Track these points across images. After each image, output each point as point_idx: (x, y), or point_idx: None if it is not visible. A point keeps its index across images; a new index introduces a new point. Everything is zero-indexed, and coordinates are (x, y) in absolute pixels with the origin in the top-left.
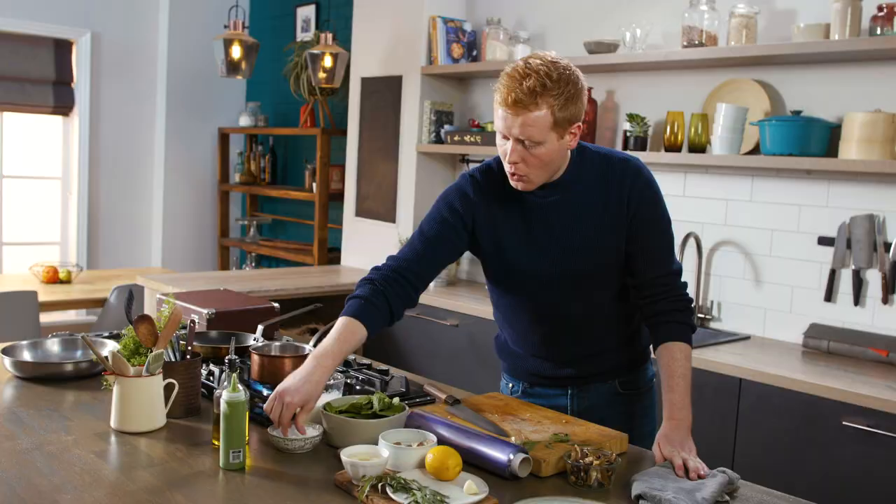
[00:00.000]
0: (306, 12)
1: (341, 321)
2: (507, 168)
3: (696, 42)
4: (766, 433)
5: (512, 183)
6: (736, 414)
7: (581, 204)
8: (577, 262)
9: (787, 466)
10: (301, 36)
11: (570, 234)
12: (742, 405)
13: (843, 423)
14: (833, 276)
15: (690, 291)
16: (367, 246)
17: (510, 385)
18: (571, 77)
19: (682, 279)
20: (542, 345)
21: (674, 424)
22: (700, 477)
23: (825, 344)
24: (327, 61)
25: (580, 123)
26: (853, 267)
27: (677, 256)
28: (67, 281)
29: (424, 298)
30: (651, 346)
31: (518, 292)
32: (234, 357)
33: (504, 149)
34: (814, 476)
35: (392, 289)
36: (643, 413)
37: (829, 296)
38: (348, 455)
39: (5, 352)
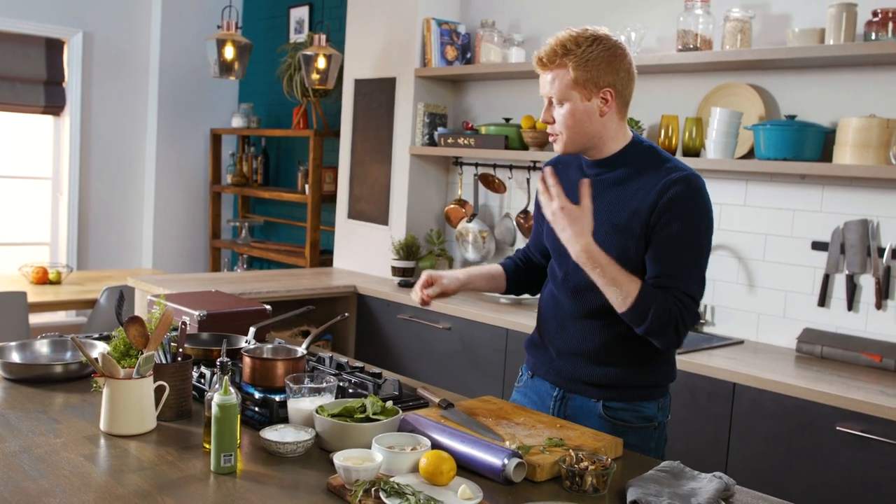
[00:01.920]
0: (300, 13)
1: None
2: (547, 129)
3: (691, 46)
4: (759, 438)
5: (552, 144)
6: (729, 419)
7: (618, 188)
8: (597, 242)
9: (781, 471)
10: (294, 37)
11: (602, 215)
12: (736, 410)
13: (837, 428)
14: (827, 280)
15: None
16: (360, 248)
17: (521, 372)
18: (599, 41)
19: (697, 310)
20: (545, 323)
21: (592, 243)
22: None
23: (819, 349)
24: (321, 63)
25: (612, 90)
26: (847, 272)
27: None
28: (57, 282)
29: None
30: (660, 387)
31: (551, 267)
32: (225, 359)
33: (543, 111)
34: (807, 481)
35: (524, 260)
36: (640, 448)
37: (823, 301)
38: (341, 459)
39: None
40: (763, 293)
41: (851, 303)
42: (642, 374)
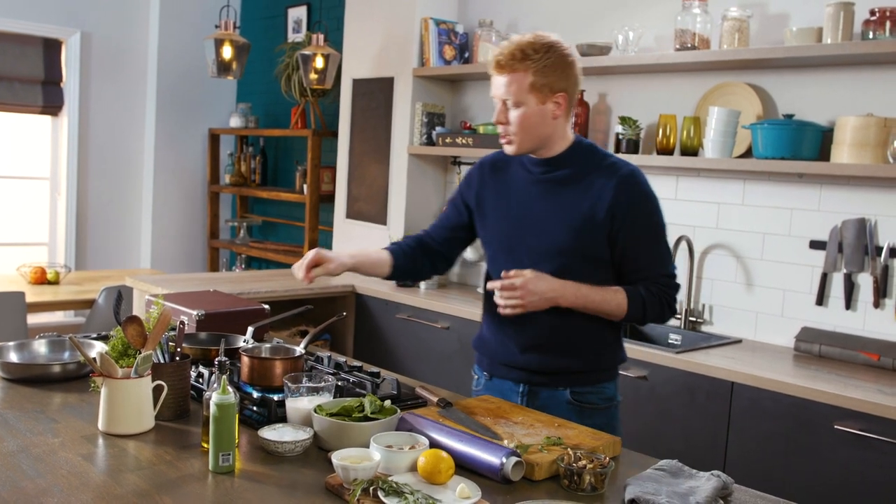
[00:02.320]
0: (298, 13)
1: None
2: (499, 130)
3: (689, 45)
4: (757, 437)
5: (503, 145)
6: (728, 417)
7: (567, 188)
8: (549, 240)
9: (779, 470)
10: (292, 37)
11: (549, 212)
12: (734, 409)
13: (835, 426)
14: (825, 279)
15: (682, 295)
16: (358, 247)
17: (476, 377)
18: (556, 50)
19: (676, 282)
20: (503, 323)
21: (555, 281)
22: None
23: (817, 348)
24: (318, 62)
25: (565, 94)
26: (845, 271)
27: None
28: (55, 282)
29: (415, 301)
30: (616, 368)
31: (494, 262)
32: (223, 359)
33: (496, 112)
34: (805, 480)
35: (418, 247)
36: (605, 429)
37: (821, 299)
38: (339, 458)
39: None
40: (761, 292)
41: (849, 302)
42: (604, 358)
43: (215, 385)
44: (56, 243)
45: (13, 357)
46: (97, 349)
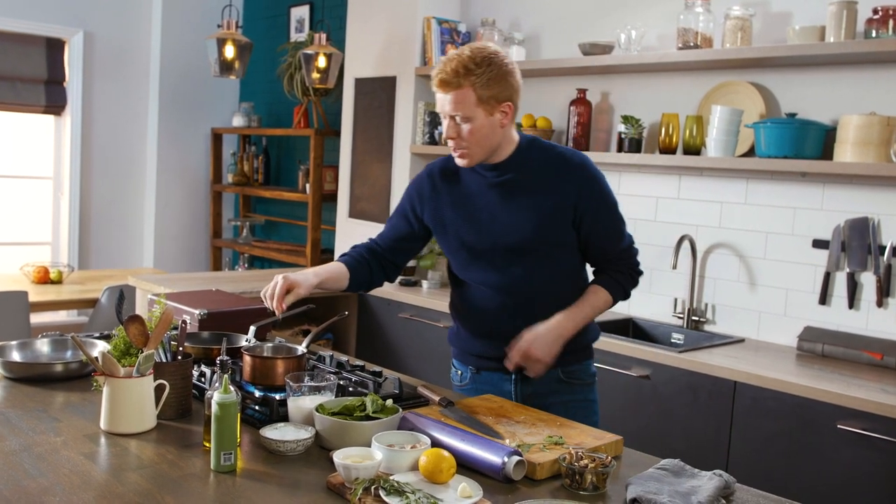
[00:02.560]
0: (300, 12)
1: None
2: (450, 145)
3: (692, 44)
4: (760, 436)
5: (455, 159)
6: (730, 417)
7: (527, 185)
8: (521, 238)
9: (782, 470)
10: (295, 36)
11: (516, 211)
12: (736, 408)
13: (838, 426)
14: (828, 278)
15: (685, 295)
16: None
17: (459, 372)
18: (495, 61)
19: (636, 247)
20: (489, 321)
21: (550, 323)
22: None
23: (820, 347)
24: (321, 62)
25: (510, 103)
26: (848, 270)
27: (672, 258)
28: (58, 281)
29: (417, 300)
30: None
31: (468, 270)
32: (225, 358)
33: (444, 127)
34: (808, 479)
35: (371, 258)
36: (587, 405)
37: (824, 299)
38: (341, 457)
39: None
40: (764, 291)
41: (852, 301)
42: (586, 334)
43: (217, 384)
44: (59, 243)
45: (16, 356)
46: (99, 348)
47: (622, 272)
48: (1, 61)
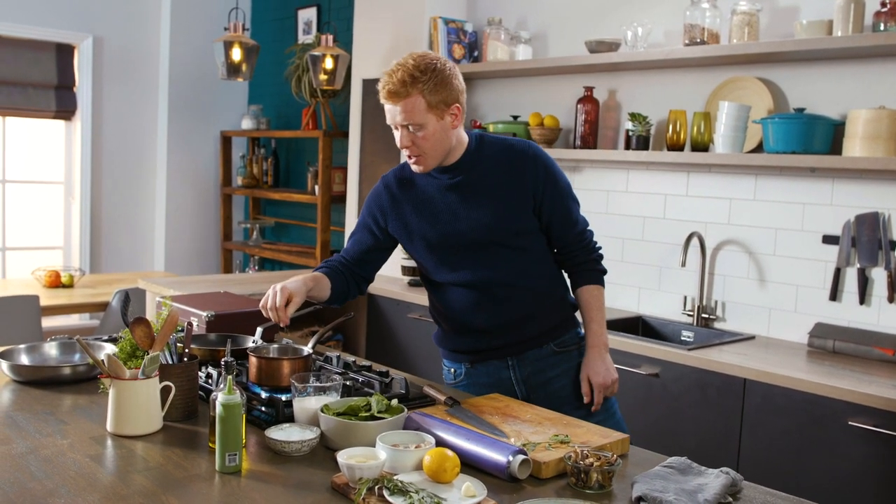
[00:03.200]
0: (308, 14)
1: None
2: (404, 154)
3: (698, 40)
4: (770, 434)
5: (411, 166)
6: (741, 414)
7: (484, 182)
8: (487, 232)
9: (793, 467)
10: (302, 38)
11: (477, 209)
12: (747, 405)
13: (849, 423)
14: (838, 274)
15: (694, 292)
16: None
17: (452, 370)
18: (438, 66)
19: (590, 229)
20: (474, 318)
21: (595, 353)
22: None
23: (830, 343)
24: (328, 63)
25: (458, 105)
26: (858, 265)
27: (681, 255)
28: (69, 285)
29: (425, 300)
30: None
31: (438, 271)
32: (229, 359)
33: (397, 138)
34: (819, 477)
35: (346, 270)
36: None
37: (835, 295)
38: (345, 457)
39: (2, 356)
40: (774, 288)
41: (863, 297)
42: (565, 306)
43: (221, 385)
44: (71, 247)
45: (24, 360)
46: (107, 351)
47: (594, 258)
48: (12, 67)
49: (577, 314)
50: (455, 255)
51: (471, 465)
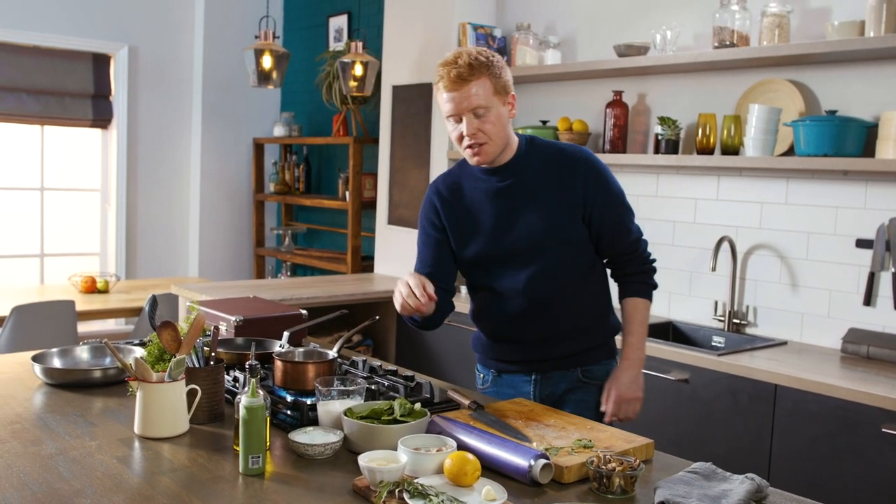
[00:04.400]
0: (338, 22)
1: None
2: (465, 144)
3: (728, 43)
4: (802, 441)
5: (470, 159)
6: (771, 421)
7: (535, 186)
8: (535, 240)
9: (825, 475)
10: (333, 45)
11: (526, 215)
12: (778, 412)
13: (883, 430)
14: (872, 279)
15: (726, 297)
16: (400, 254)
17: (482, 375)
18: (493, 55)
19: (644, 239)
20: (510, 325)
21: (627, 364)
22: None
23: (864, 349)
24: (357, 70)
25: (514, 95)
26: (893, 270)
27: (711, 260)
28: (105, 290)
29: (456, 305)
30: (614, 338)
31: (485, 277)
32: (254, 362)
33: (459, 130)
34: (852, 485)
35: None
36: (599, 407)
37: (869, 299)
38: (366, 460)
39: (36, 359)
40: (807, 293)
41: None
42: (602, 331)
43: (246, 388)
44: (107, 253)
45: (56, 363)
46: (136, 355)
47: (645, 271)
48: (50, 77)
49: (618, 339)
50: (500, 262)
51: (493, 469)
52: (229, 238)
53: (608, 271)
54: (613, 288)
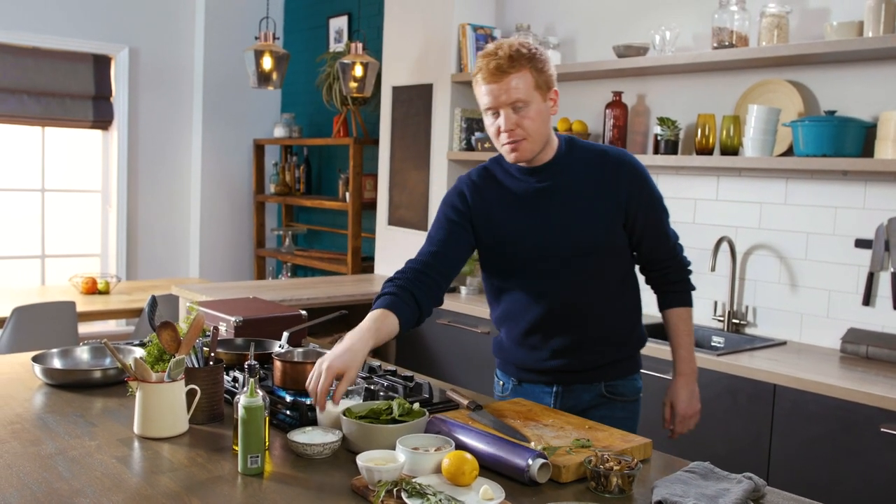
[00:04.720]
0: (339, 23)
1: (373, 313)
2: (503, 140)
3: (727, 43)
4: (801, 441)
5: (507, 156)
6: (770, 421)
7: (573, 188)
8: (571, 245)
9: (824, 474)
10: (334, 46)
11: (566, 217)
12: (777, 412)
13: (882, 430)
14: (871, 279)
15: (725, 297)
16: (400, 254)
17: (501, 383)
18: (537, 48)
19: (680, 243)
20: (534, 331)
21: (683, 381)
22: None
23: (864, 349)
24: (357, 70)
25: (556, 90)
26: (892, 269)
27: (711, 260)
28: (106, 292)
29: (456, 306)
30: (640, 353)
31: (515, 279)
32: (253, 363)
33: (497, 125)
34: (851, 484)
35: (417, 287)
36: (624, 423)
37: (868, 299)
38: (364, 460)
39: (36, 359)
40: (806, 293)
41: None
42: (628, 344)
43: (245, 388)
44: (108, 254)
45: (56, 363)
46: (136, 355)
47: (683, 278)
48: (51, 78)
49: (639, 360)
50: (532, 265)
51: (491, 468)
52: (230, 239)
53: (643, 278)
54: (645, 297)
